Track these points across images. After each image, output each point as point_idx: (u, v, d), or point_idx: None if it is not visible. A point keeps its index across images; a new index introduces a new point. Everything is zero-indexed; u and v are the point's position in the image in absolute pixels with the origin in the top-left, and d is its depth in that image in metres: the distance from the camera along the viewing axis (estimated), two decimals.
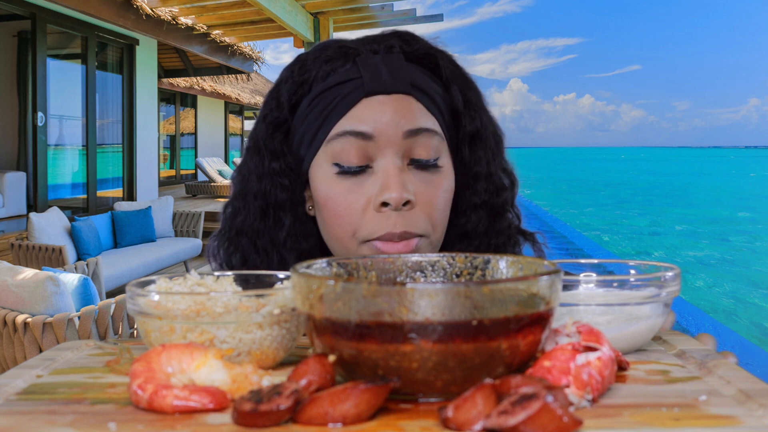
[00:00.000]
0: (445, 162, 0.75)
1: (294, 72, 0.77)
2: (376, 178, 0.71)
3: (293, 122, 0.77)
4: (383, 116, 0.71)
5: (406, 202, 0.70)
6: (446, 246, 0.79)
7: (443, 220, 0.74)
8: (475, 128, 0.77)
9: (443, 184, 0.74)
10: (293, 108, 0.77)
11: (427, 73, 0.76)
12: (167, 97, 13.30)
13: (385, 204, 0.70)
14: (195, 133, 14.77)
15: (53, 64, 7.52)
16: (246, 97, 14.55)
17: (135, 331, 2.90)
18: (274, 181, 0.77)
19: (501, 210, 0.79)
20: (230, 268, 0.79)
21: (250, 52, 9.87)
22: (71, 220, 5.79)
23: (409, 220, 0.70)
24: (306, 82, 0.76)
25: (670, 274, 0.52)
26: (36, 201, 6.97)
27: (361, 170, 0.72)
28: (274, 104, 0.78)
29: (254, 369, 0.41)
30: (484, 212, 0.78)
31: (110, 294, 5.21)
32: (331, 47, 0.77)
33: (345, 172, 0.72)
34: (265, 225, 0.77)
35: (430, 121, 0.73)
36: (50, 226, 5.35)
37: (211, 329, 0.46)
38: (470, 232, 0.79)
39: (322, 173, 0.74)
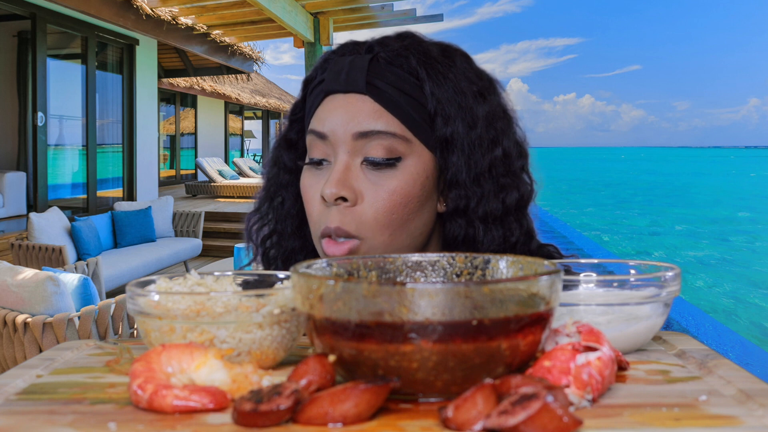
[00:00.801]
0: (409, 164, 0.74)
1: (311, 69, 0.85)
2: (328, 174, 0.75)
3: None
4: (335, 117, 0.74)
5: (342, 199, 0.72)
6: (431, 251, 0.80)
7: (391, 223, 0.72)
8: (444, 134, 0.74)
9: (394, 185, 0.72)
10: (305, 100, 0.84)
11: (403, 73, 0.75)
12: (167, 97, 13.30)
13: (324, 199, 0.73)
14: (195, 133, 14.78)
15: (53, 64, 7.52)
16: (246, 97, 14.55)
17: (135, 331, 2.91)
18: (285, 167, 0.85)
19: (480, 221, 0.75)
20: (256, 247, 0.88)
21: (250, 52, 9.87)
22: (71, 220, 5.79)
23: (345, 217, 0.72)
24: (311, 79, 0.82)
25: (670, 274, 0.52)
26: (36, 201, 6.97)
27: (321, 164, 0.76)
28: (295, 102, 0.86)
29: (254, 369, 0.41)
30: (462, 221, 0.76)
31: (110, 294, 5.21)
32: (337, 47, 0.81)
33: (309, 164, 0.78)
34: (278, 207, 0.85)
35: (386, 122, 0.73)
36: (50, 226, 5.35)
37: (211, 329, 0.46)
38: (449, 239, 0.77)
39: (304, 166, 0.80)
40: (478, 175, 0.75)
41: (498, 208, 0.76)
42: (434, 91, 0.75)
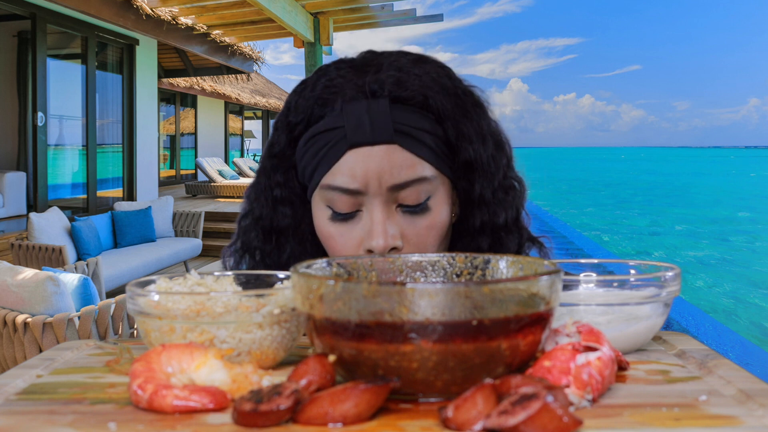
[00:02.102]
0: (438, 198, 0.75)
1: (294, 105, 0.77)
2: (364, 223, 0.74)
3: (295, 155, 0.79)
4: (367, 171, 0.72)
5: (392, 249, 0.72)
6: None
7: (434, 251, 0.75)
8: (467, 158, 0.76)
9: (430, 221, 0.75)
10: (295, 141, 0.78)
11: (418, 110, 0.74)
12: (167, 97, 13.30)
13: (371, 251, 0.73)
14: (195, 133, 14.77)
15: (53, 64, 7.52)
16: (246, 97, 14.55)
17: (135, 331, 2.90)
18: (277, 208, 0.81)
19: (502, 230, 0.79)
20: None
21: (250, 52, 9.87)
22: (71, 220, 5.79)
23: None
24: (302, 121, 0.76)
25: (670, 274, 0.52)
26: (36, 201, 6.97)
27: (351, 216, 0.75)
28: (278, 136, 0.79)
29: (254, 369, 0.41)
30: (485, 236, 0.79)
31: (110, 294, 5.21)
32: (324, 82, 0.75)
33: (336, 218, 0.75)
34: (270, 247, 0.82)
35: (417, 170, 0.73)
36: (50, 226, 5.34)
37: (211, 329, 0.46)
38: (474, 251, 0.79)
39: (319, 212, 0.77)
40: (497, 189, 0.78)
41: (513, 214, 0.79)
42: (449, 118, 0.75)
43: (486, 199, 0.78)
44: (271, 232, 0.81)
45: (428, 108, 0.74)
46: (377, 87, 0.73)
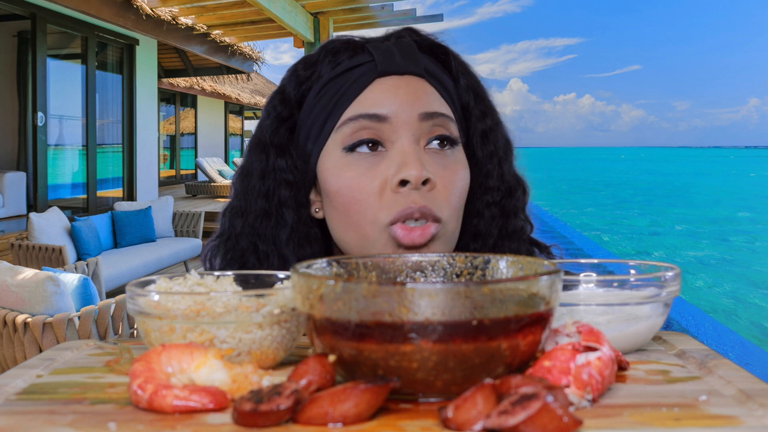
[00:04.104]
0: (461, 151, 0.72)
1: (298, 68, 0.76)
2: (391, 159, 0.68)
3: (299, 117, 0.75)
4: (398, 98, 0.69)
5: (426, 181, 0.67)
6: (461, 248, 0.76)
7: (459, 210, 0.70)
8: (486, 125, 0.74)
9: (458, 168, 0.71)
10: (299, 103, 0.75)
11: (438, 65, 0.74)
12: (167, 97, 13.30)
13: (403, 183, 0.66)
14: (195, 133, 14.78)
15: (53, 64, 7.52)
16: (246, 97, 14.55)
17: (135, 331, 2.90)
18: (278, 177, 0.74)
19: (513, 212, 0.76)
20: None
21: (250, 52, 9.87)
22: (71, 220, 5.79)
23: (429, 199, 0.67)
24: (313, 75, 0.74)
25: (670, 274, 0.52)
26: (36, 201, 6.97)
27: (373, 150, 0.69)
28: (278, 101, 0.76)
29: (254, 369, 0.41)
30: (497, 211, 0.75)
31: (110, 294, 5.20)
32: (339, 41, 0.75)
33: (356, 148, 0.69)
34: (267, 226, 0.74)
35: (445, 107, 0.71)
36: (50, 226, 5.34)
37: (211, 329, 0.46)
38: (484, 232, 0.75)
39: (332, 162, 0.71)
40: (508, 169, 0.76)
41: (524, 202, 0.77)
42: (470, 84, 0.75)
43: (500, 173, 0.75)
44: (270, 206, 0.74)
45: (448, 67, 0.74)
46: (401, 35, 0.74)
